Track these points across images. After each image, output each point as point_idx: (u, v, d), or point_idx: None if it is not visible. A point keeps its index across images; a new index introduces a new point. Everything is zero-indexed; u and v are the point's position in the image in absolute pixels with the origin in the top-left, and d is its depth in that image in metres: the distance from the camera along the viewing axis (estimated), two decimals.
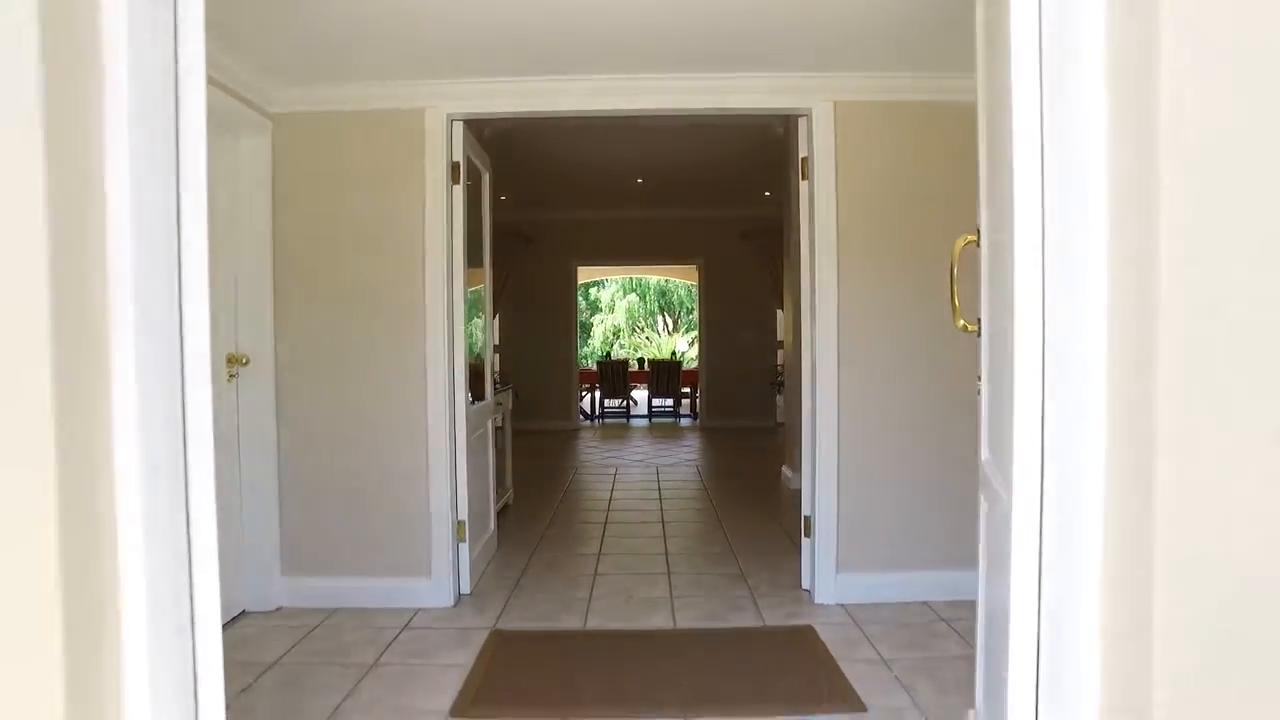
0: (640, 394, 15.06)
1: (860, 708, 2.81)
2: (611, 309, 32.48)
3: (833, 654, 3.29)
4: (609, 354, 25.38)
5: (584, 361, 15.30)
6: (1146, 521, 1.29)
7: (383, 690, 3.03)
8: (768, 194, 8.33)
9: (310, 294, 3.94)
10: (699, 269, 12.16)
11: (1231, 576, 1.28)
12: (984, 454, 2.10)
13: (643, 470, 8.36)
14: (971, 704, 2.31)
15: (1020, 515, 1.64)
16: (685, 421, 13.59)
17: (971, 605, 2.27)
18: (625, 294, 33.31)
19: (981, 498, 2.11)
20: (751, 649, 3.39)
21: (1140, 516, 1.31)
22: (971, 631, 2.35)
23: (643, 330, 35.64)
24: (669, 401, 14.15)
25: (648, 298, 34.02)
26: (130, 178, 1.49)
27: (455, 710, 2.85)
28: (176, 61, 1.61)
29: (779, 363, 10.80)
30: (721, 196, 9.78)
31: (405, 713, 2.85)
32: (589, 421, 13.67)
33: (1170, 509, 1.27)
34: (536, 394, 10.68)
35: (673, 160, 7.61)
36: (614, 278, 29.47)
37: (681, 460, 9.07)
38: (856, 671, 3.11)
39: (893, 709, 2.80)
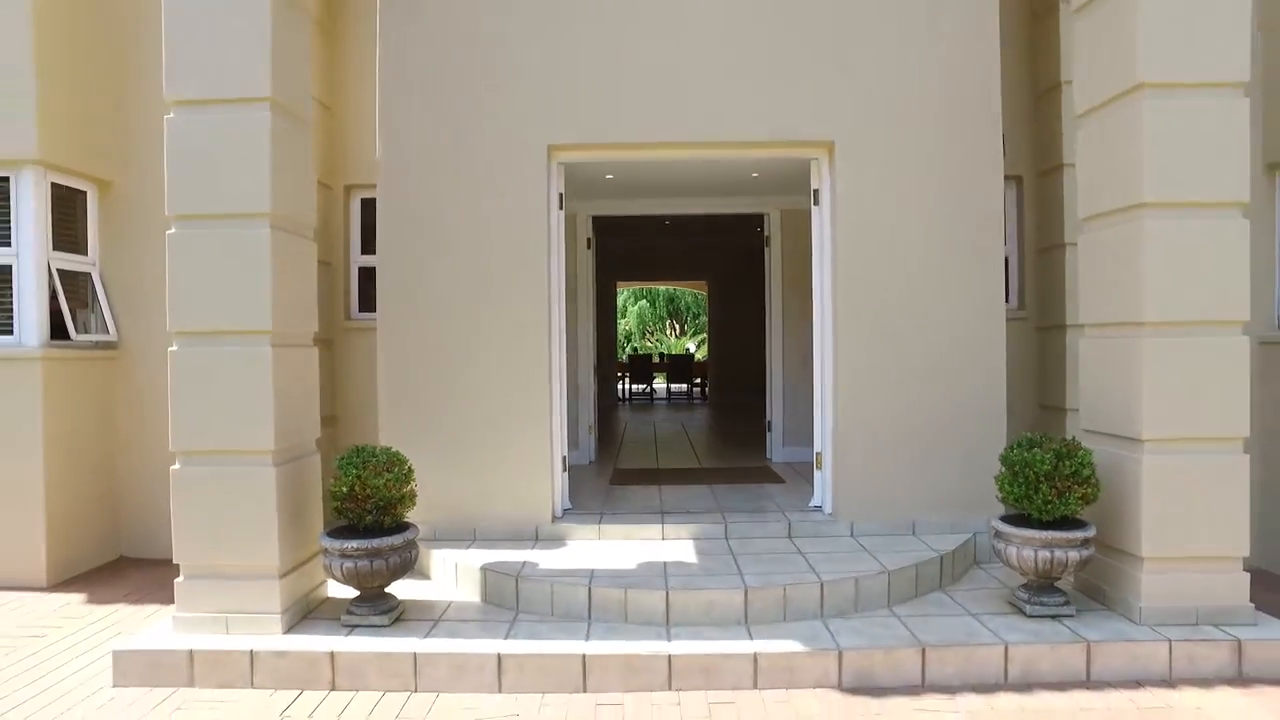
0: (659, 384, 18.93)
1: (777, 476, 6.67)
2: (623, 314, 36.15)
3: (775, 471, 7.14)
4: (636, 350, 29.06)
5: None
6: (831, 384, 5.14)
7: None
8: (759, 229, 12.16)
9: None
10: (708, 283, 16.03)
11: (860, 398, 5.14)
12: (816, 374, 5.91)
13: (671, 423, 12.24)
14: (820, 463, 6.10)
15: (823, 364, 5.49)
16: (697, 401, 17.45)
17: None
18: (636, 300, 37.09)
19: (825, 377, 5.91)
20: (736, 472, 7.24)
21: (851, 358, 5.17)
22: (833, 462, 6.14)
23: (653, 334, 39.54)
24: (684, 387, 18.03)
25: (658, 304, 37.86)
26: (561, 314, 5.34)
27: (611, 480, 6.70)
28: (549, 231, 5.46)
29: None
30: (724, 234, 13.60)
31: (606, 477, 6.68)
32: (622, 401, 17.51)
33: (844, 381, 5.12)
34: None
35: (692, 213, 11.44)
36: (628, 286, 32.89)
37: (695, 419, 12.94)
38: (784, 474, 6.95)
39: (793, 481, 6.62)
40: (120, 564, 6.11)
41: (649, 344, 36.75)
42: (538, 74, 5.39)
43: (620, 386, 17.75)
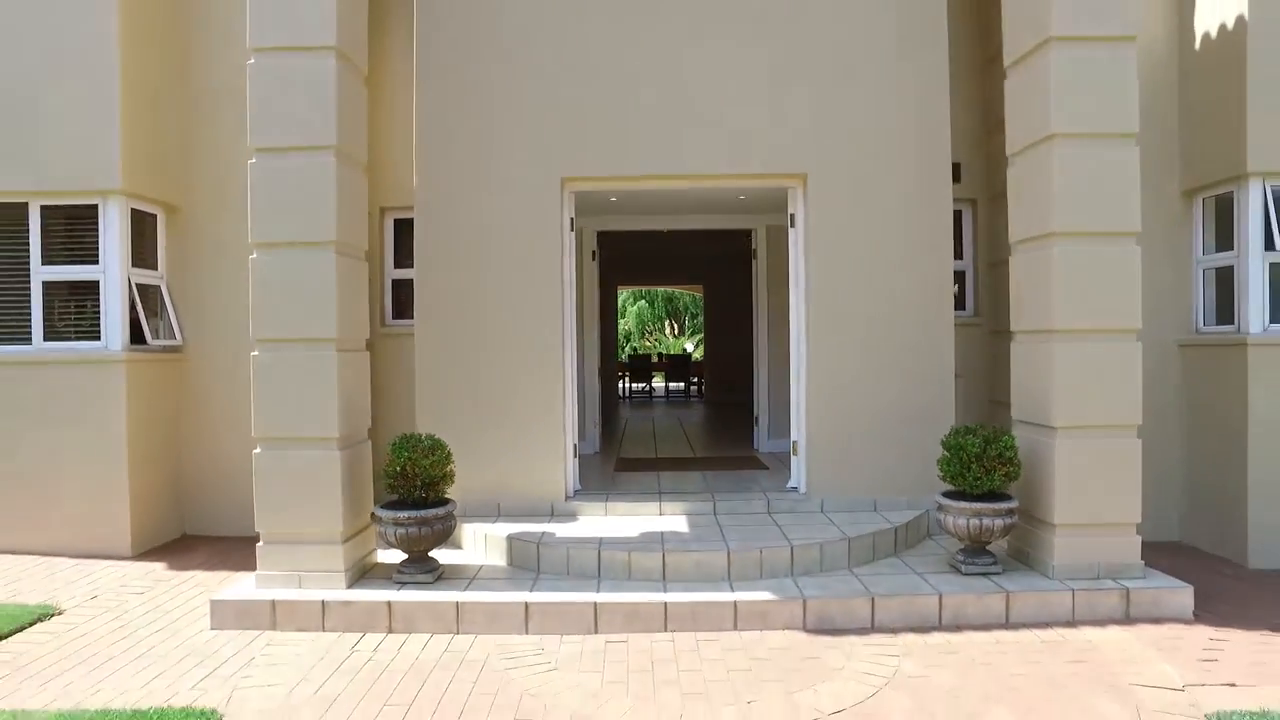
0: (657, 382, 19.83)
1: (762, 464, 7.57)
2: (623, 314, 37.03)
3: (760, 459, 8.04)
4: (635, 350, 29.95)
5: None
6: (805, 383, 6.04)
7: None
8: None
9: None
10: (704, 287, 16.93)
11: (831, 394, 6.03)
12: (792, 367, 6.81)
13: (668, 419, 13.15)
14: (796, 449, 6.99)
15: (799, 357, 6.40)
16: (694, 399, 18.35)
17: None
18: (635, 301, 37.99)
19: (801, 377, 6.80)
20: (726, 460, 8.14)
21: (821, 360, 6.07)
22: (806, 450, 7.03)
23: (652, 334, 40.44)
24: (681, 385, 18.93)
25: (656, 304, 38.75)
26: (573, 321, 6.24)
27: (615, 468, 7.59)
28: (563, 251, 6.36)
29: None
30: (719, 241, 14.50)
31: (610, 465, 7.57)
32: (623, 399, 18.41)
33: (815, 380, 6.02)
34: None
35: (687, 229, 12.34)
36: (628, 289, 33.68)
37: (692, 415, 13.85)
38: (768, 462, 7.84)
39: (775, 468, 7.51)
40: (185, 540, 7.01)
41: (648, 344, 37.63)
42: (553, 117, 6.29)
43: (620, 385, 18.63)
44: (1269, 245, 6.27)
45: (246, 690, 4.06)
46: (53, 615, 5.10)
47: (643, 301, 38.25)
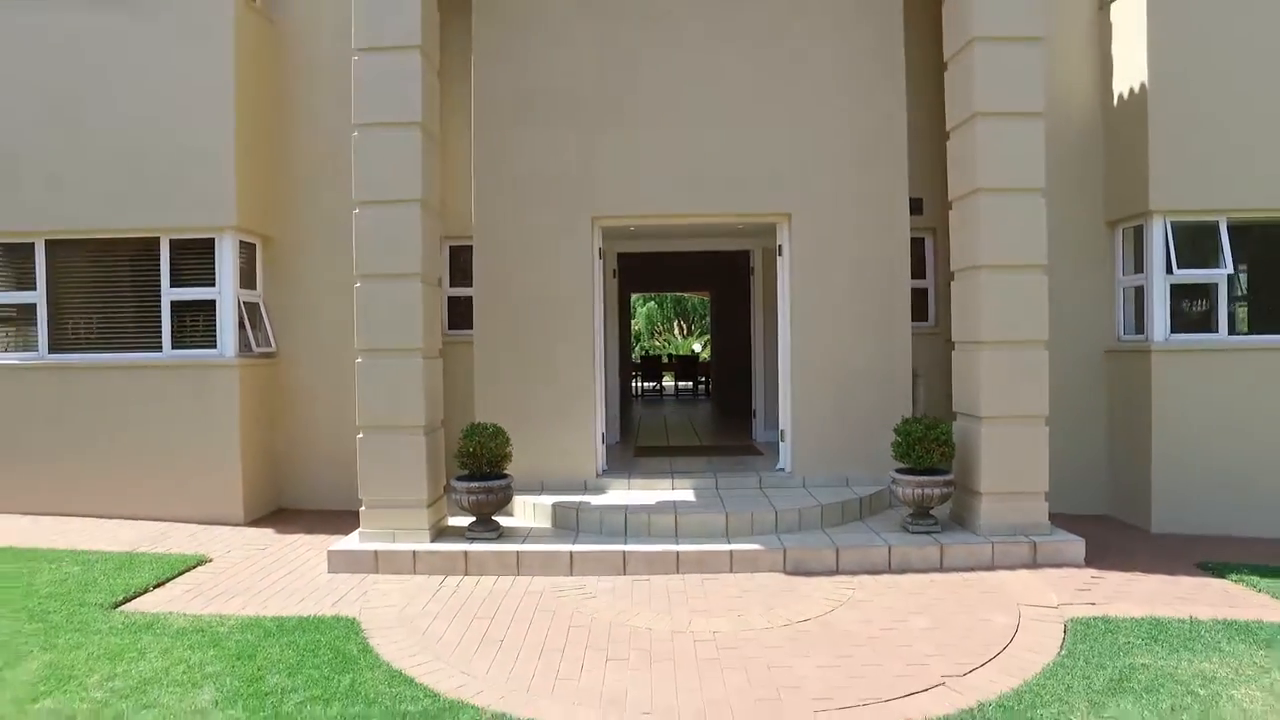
0: (667, 381, 21.31)
1: (758, 451, 9.04)
2: (633, 315, 38.46)
3: (757, 447, 9.50)
4: (647, 352, 31.41)
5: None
6: (790, 383, 7.51)
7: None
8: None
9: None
10: (710, 293, 18.37)
11: (811, 392, 7.50)
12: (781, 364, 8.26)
13: (678, 414, 14.63)
14: (784, 437, 8.43)
15: (785, 361, 7.86)
16: (701, 397, 19.81)
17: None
18: (645, 303, 39.46)
19: (787, 377, 8.25)
20: (730, 450, 9.60)
21: (803, 363, 7.53)
22: (791, 436, 8.47)
23: (661, 334, 41.89)
24: (689, 384, 20.40)
25: (665, 305, 40.22)
26: (601, 332, 7.72)
27: (634, 454, 9.07)
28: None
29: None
30: (723, 256, 15.95)
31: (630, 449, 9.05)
32: (635, 398, 19.87)
33: (798, 380, 7.49)
34: None
35: (697, 245, 13.82)
36: (641, 295, 35.03)
37: (699, 411, 15.32)
38: (763, 449, 9.30)
39: (768, 454, 8.97)
40: (282, 511, 8.52)
41: (656, 343, 39.05)
42: (586, 169, 7.76)
43: (633, 384, 20.09)
44: (1169, 269, 7.70)
45: (369, 608, 5.54)
46: (206, 562, 6.60)
47: (652, 303, 39.72)
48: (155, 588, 5.93)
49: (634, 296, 36.26)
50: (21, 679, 4.27)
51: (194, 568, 6.44)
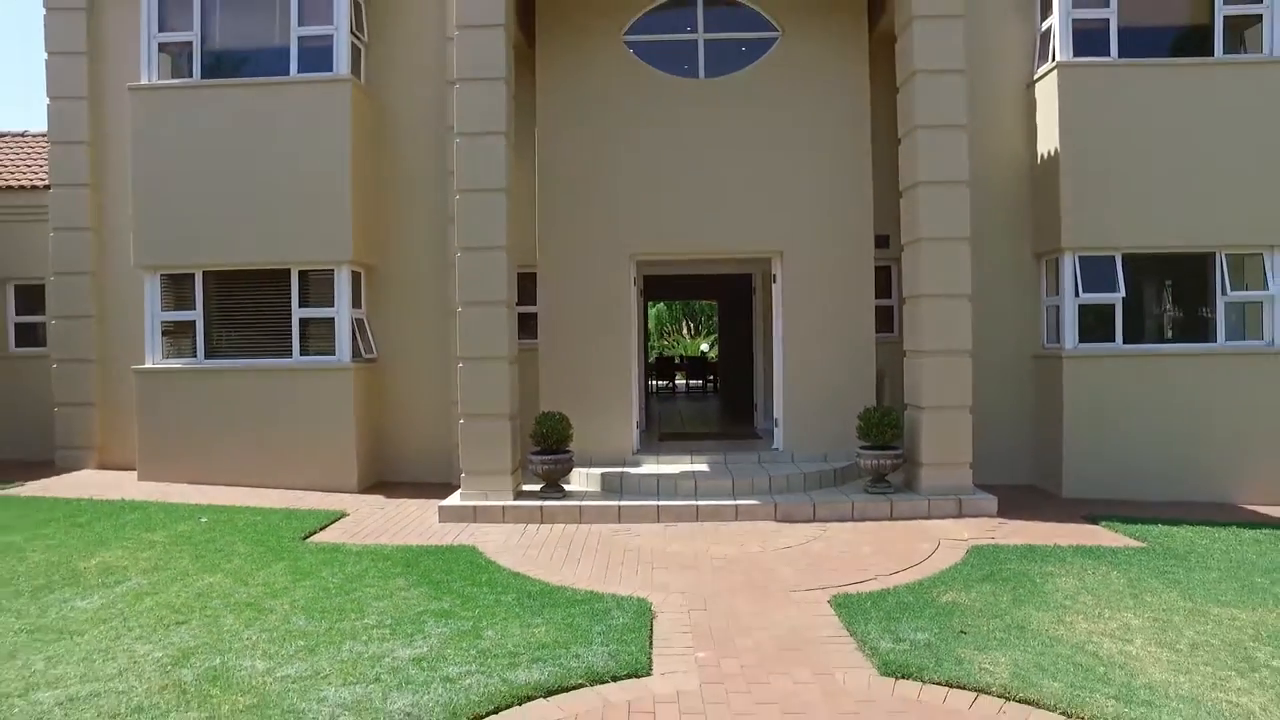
0: (679, 380, 23.59)
1: (758, 436, 11.33)
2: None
3: (758, 433, 11.77)
4: (660, 352, 33.66)
5: None
6: (782, 381, 9.80)
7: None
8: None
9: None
10: (718, 302, 20.63)
11: (798, 388, 9.80)
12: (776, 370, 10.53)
13: (691, 408, 16.93)
14: (778, 424, 10.69)
15: (778, 365, 10.15)
16: (710, 394, 22.08)
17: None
18: (654, 304, 41.65)
19: (780, 376, 10.52)
20: (736, 435, 11.88)
21: (792, 367, 9.83)
22: (783, 423, 10.73)
23: (670, 334, 44.10)
24: (700, 382, 22.68)
25: (674, 307, 42.44)
26: (636, 342, 10.00)
27: (659, 438, 11.35)
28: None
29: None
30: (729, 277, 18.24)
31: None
32: (651, 395, 22.13)
33: (789, 379, 9.78)
34: None
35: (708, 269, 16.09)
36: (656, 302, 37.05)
37: (709, 405, 17.62)
38: (762, 435, 11.57)
39: (767, 438, 11.23)
40: (382, 483, 10.81)
41: (665, 343, 41.27)
42: (624, 215, 10.04)
43: (649, 383, 22.35)
44: (1077, 293, 9.95)
45: (479, 542, 7.82)
46: (345, 515, 8.90)
47: (661, 305, 41.97)
48: (319, 531, 8.23)
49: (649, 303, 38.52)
50: (276, 574, 6.56)
51: (338, 519, 8.74)
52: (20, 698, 4.24)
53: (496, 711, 4.14)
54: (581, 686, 4.45)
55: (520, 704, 4.24)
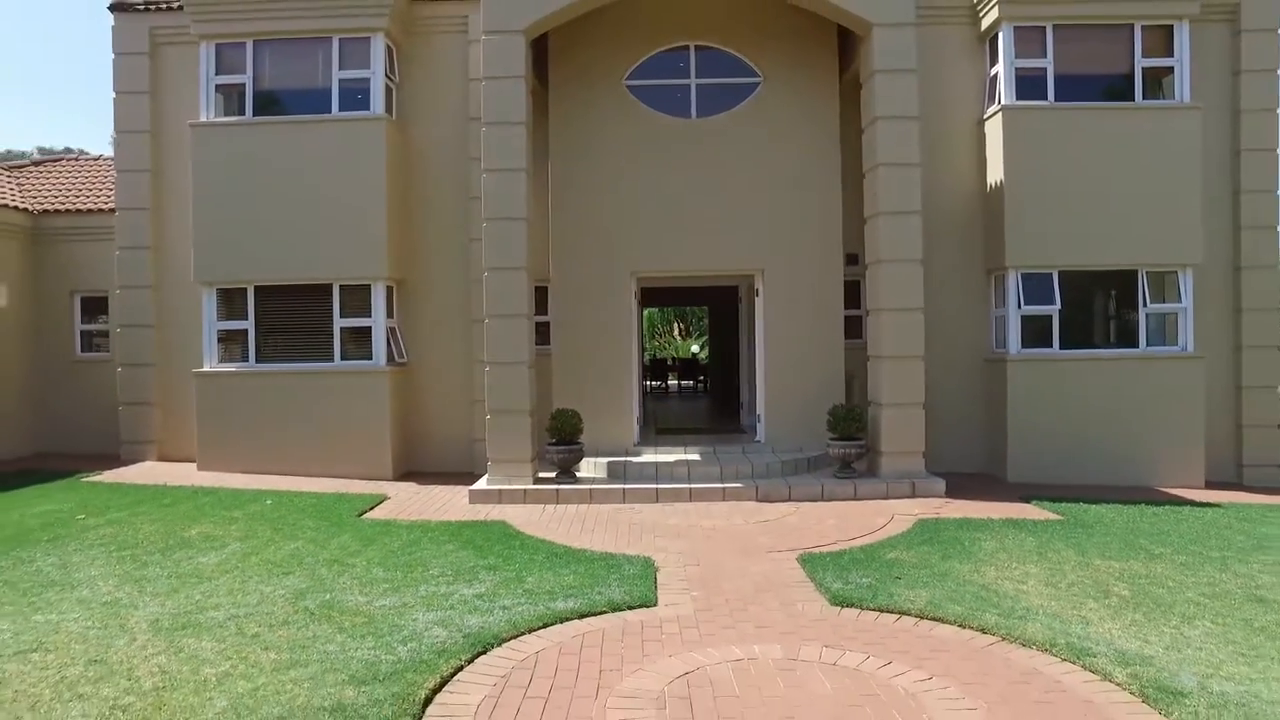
0: (671, 380, 25.09)
1: (744, 430, 12.83)
2: None
3: (743, 428, 13.28)
4: (654, 354, 35.16)
5: None
6: (764, 382, 11.31)
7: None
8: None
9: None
10: (709, 308, 22.14)
11: (777, 388, 11.32)
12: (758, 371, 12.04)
13: (683, 407, 18.43)
14: (760, 419, 12.19)
15: (760, 368, 11.66)
16: (700, 394, 23.60)
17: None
18: (646, 307, 43.18)
19: (762, 377, 12.02)
20: (724, 430, 13.38)
21: (772, 369, 11.33)
22: (764, 418, 12.22)
23: (661, 335, 45.55)
24: (690, 382, 24.19)
25: (665, 309, 43.93)
26: (636, 347, 11.50)
27: (656, 431, 12.84)
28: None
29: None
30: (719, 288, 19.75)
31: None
32: (645, 394, 23.63)
33: (770, 380, 11.29)
34: None
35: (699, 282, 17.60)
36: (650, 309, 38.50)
37: (700, 404, 19.12)
38: (747, 430, 13.07)
39: (751, 433, 12.73)
40: (412, 473, 12.25)
41: (656, 343, 42.79)
42: (626, 238, 11.53)
43: (644, 383, 23.85)
44: (1020, 305, 11.49)
45: (507, 518, 9.26)
46: (386, 499, 10.35)
47: (651, 307, 43.51)
48: (369, 510, 9.68)
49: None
50: (346, 541, 8.00)
51: (382, 501, 10.19)
52: (199, 614, 5.69)
53: (545, 626, 5.61)
54: (605, 612, 5.93)
55: (561, 623, 5.71)
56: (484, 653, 5.11)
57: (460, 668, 4.86)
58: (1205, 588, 6.42)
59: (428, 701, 4.41)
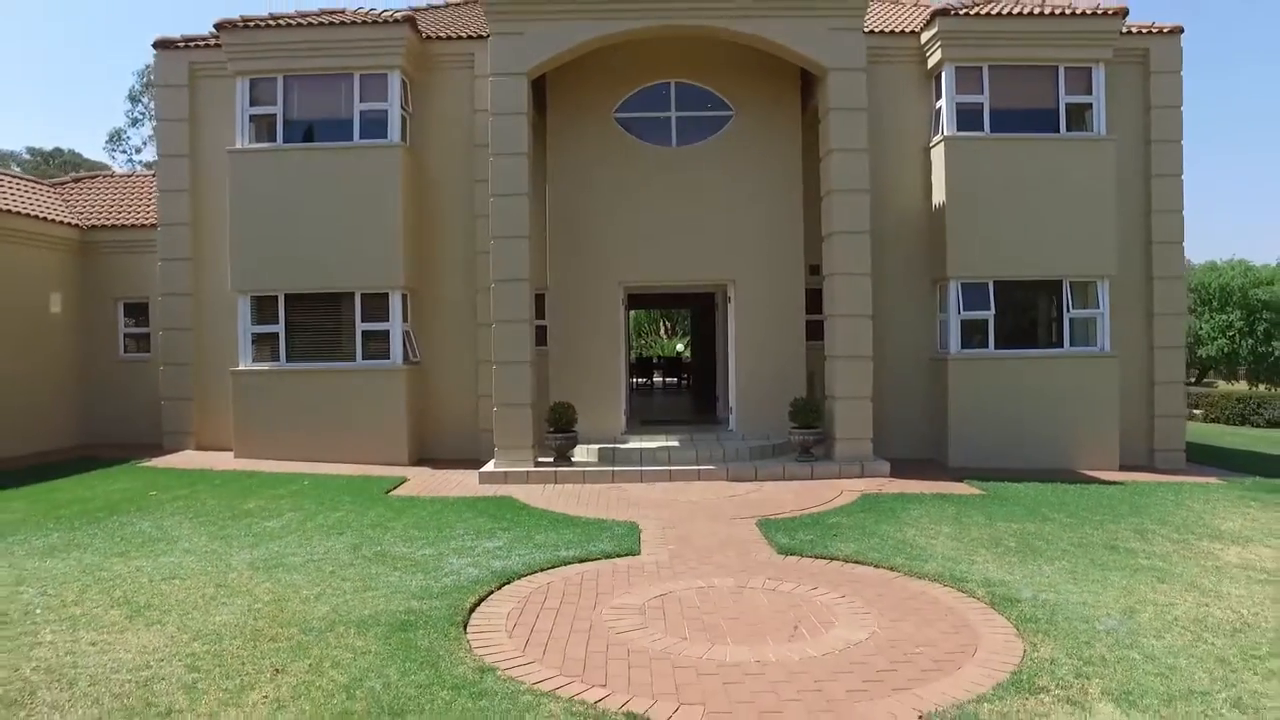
0: (657, 378, 26.71)
1: (719, 421, 14.45)
2: None
3: (719, 419, 14.88)
4: (641, 353, 36.74)
5: None
6: (734, 377, 12.92)
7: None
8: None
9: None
10: (691, 310, 23.75)
11: (746, 383, 12.93)
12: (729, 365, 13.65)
13: (667, 401, 20.04)
14: (732, 411, 13.79)
15: (731, 366, 13.28)
16: (684, 390, 25.20)
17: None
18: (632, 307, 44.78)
19: (733, 374, 13.63)
20: (701, 421, 14.99)
21: (742, 367, 12.95)
22: (735, 409, 13.83)
23: (648, 334, 47.16)
24: (674, 379, 25.80)
25: (652, 311, 45.53)
26: (624, 349, 13.08)
27: (641, 422, 14.43)
28: None
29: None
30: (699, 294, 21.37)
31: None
32: (632, 391, 25.22)
33: (740, 375, 12.91)
34: None
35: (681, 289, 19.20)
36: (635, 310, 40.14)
37: (682, 399, 20.74)
38: (723, 420, 14.68)
39: (724, 422, 14.33)
40: (424, 460, 13.79)
41: (643, 343, 44.35)
42: (615, 252, 13.11)
43: (631, 380, 25.44)
44: (960, 311, 13.15)
45: (514, 495, 10.83)
46: (405, 481, 11.88)
47: (640, 309, 45.11)
48: (394, 489, 11.21)
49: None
50: (381, 511, 9.53)
51: (403, 482, 11.72)
52: (283, 559, 7.26)
53: (553, 568, 7.19)
54: (599, 559, 7.51)
55: (565, 565, 7.29)
56: (508, 583, 6.69)
57: (491, 592, 6.44)
58: (1075, 540, 8.07)
59: (472, 610, 5.99)
